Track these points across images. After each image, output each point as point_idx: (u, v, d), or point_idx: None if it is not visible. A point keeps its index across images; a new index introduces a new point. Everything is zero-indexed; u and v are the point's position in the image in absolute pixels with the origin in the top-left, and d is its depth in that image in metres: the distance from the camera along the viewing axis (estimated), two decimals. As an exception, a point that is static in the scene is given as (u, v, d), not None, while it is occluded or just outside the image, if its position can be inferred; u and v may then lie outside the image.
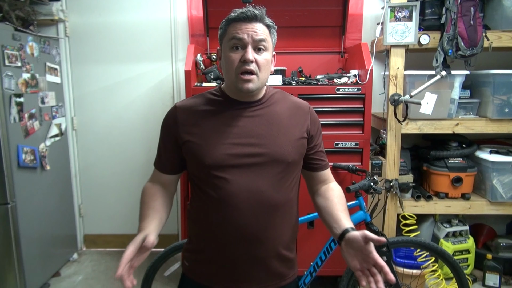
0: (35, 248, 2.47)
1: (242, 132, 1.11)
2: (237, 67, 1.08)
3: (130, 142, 3.05)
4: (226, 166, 1.08)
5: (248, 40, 1.07)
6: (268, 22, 1.12)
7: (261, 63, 1.09)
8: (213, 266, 1.15)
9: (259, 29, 1.09)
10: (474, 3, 2.18)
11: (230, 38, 1.09)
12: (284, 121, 1.16)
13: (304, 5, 2.65)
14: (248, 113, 1.14)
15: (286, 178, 1.14)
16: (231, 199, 1.07)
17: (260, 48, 1.09)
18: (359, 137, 2.26)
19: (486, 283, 2.48)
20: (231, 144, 1.09)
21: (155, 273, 2.09)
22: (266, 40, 1.10)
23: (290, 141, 1.14)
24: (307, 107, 1.24)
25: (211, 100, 1.17)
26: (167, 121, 1.19)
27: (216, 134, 1.11)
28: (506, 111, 2.34)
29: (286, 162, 1.12)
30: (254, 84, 1.09)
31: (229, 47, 1.10)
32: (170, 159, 1.19)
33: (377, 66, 2.67)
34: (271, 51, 1.14)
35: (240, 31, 1.07)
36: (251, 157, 1.09)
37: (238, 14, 1.09)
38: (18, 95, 2.30)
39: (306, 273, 1.99)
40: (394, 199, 2.42)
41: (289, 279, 1.21)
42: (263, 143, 1.11)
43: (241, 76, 1.08)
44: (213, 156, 1.08)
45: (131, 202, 3.12)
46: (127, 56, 2.95)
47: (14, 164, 2.27)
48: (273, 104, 1.18)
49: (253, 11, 1.08)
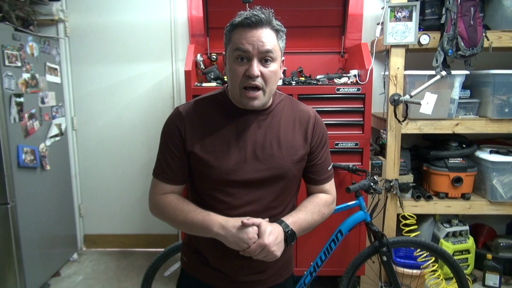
0: (35, 248, 2.47)
1: (247, 146, 1.08)
2: (242, 81, 1.02)
3: (130, 142, 3.05)
4: (231, 181, 1.07)
5: (254, 53, 0.99)
6: (276, 26, 1.03)
7: (268, 76, 1.02)
8: (212, 266, 1.15)
9: (266, 38, 1.00)
10: (474, 3, 2.18)
11: (235, 49, 1.01)
12: (289, 134, 1.12)
13: (304, 5, 2.65)
14: (254, 125, 1.10)
15: (288, 191, 1.15)
16: (232, 211, 1.07)
17: (267, 59, 1.01)
18: (359, 137, 2.26)
19: (486, 283, 2.48)
20: (237, 159, 1.07)
21: (155, 273, 2.09)
22: (274, 50, 1.01)
23: (292, 156, 1.12)
24: (313, 118, 1.17)
25: (215, 108, 1.12)
26: (172, 127, 1.11)
27: (223, 146, 1.07)
28: (506, 111, 2.34)
29: (288, 178, 1.12)
30: (259, 100, 1.04)
31: (233, 57, 1.02)
32: (180, 167, 1.11)
33: (377, 66, 2.67)
34: (279, 60, 1.06)
35: (245, 41, 0.99)
36: (256, 172, 1.08)
37: (242, 19, 1.00)
38: (18, 95, 2.30)
39: (306, 273, 1.99)
40: (394, 199, 2.42)
41: (286, 274, 1.23)
42: (268, 158, 1.08)
43: (246, 93, 1.02)
44: (218, 172, 1.06)
45: (131, 202, 3.12)
46: (127, 56, 2.95)
47: (14, 164, 2.27)
48: (279, 114, 1.13)
49: (258, 16, 0.99)
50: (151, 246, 3.14)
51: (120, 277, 2.73)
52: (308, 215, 1.12)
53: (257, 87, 1.02)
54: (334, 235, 1.97)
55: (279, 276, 1.20)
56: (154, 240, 3.13)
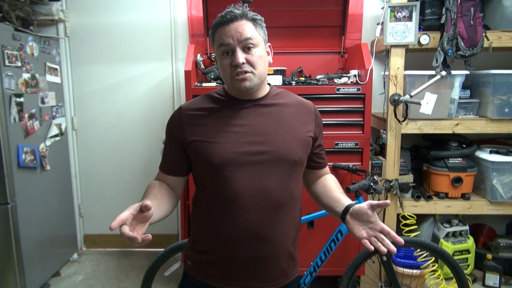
0: (35, 248, 2.47)
1: (248, 131, 1.11)
2: (231, 72, 1.08)
3: (130, 142, 3.05)
4: (233, 164, 1.08)
5: (234, 43, 1.06)
6: (252, 16, 1.10)
7: (254, 60, 1.08)
8: (218, 267, 1.14)
9: (243, 28, 1.07)
10: (474, 3, 2.18)
11: (219, 45, 1.09)
12: (290, 119, 1.16)
13: (304, 5, 2.65)
14: (254, 111, 1.13)
15: (291, 176, 1.14)
16: (238, 197, 1.07)
17: (249, 47, 1.07)
18: (359, 137, 2.26)
19: (486, 283, 2.48)
20: (238, 143, 1.09)
21: (155, 273, 2.09)
22: (253, 37, 1.08)
23: (297, 139, 1.14)
24: (312, 107, 1.24)
25: (215, 100, 1.17)
26: (172, 122, 1.18)
27: (223, 133, 1.10)
28: (506, 111, 2.34)
29: (293, 160, 1.12)
30: (250, 81, 1.08)
31: (219, 54, 1.10)
32: (175, 160, 1.17)
33: (377, 66, 2.67)
34: (263, 44, 1.12)
35: (225, 36, 1.07)
36: (258, 155, 1.09)
37: (219, 19, 1.09)
38: (18, 95, 2.30)
39: (306, 273, 1.99)
40: (394, 199, 2.42)
41: (292, 276, 1.22)
42: (269, 141, 1.10)
43: (236, 77, 1.07)
44: (220, 155, 1.07)
45: (131, 202, 3.08)
46: (127, 56, 2.95)
47: (14, 164, 2.27)
48: (278, 102, 1.17)
49: (232, 12, 1.07)
50: (151, 246, 3.14)
51: (120, 277, 2.73)
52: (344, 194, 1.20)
53: (245, 72, 1.07)
54: (334, 235, 1.97)
55: (286, 277, 1.19)
56: (154, 240, 3.06)
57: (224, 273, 1.14)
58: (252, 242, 1.09)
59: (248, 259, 1.10)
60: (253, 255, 1.10)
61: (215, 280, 1.15)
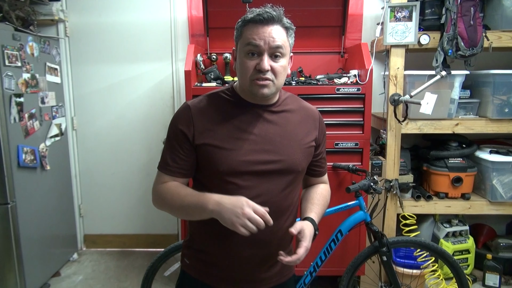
0: (35, 248, 2.47)
1: (257, 139, 1.10)
2: (252, 74, 1.05)
3: (130, 142, 3.05)
4: (240, 172, 1.07)
5: (265, 47, 1.03)
6: (287, 24, 1.07)
7: (277, 70, 1.05)
8: (216, 267, 1.15)
9: (276, 34, 1.04)
10: (474, 3, 2.18)
11: (246, 44, 1.04)
12: (296, 127, 1.16)
13: (304, 5, 2.65)
14: (263, 118, 1.12)
15: (293, 185, 1.16)
16: None
17: (277, 55, 1.05)
18: (359, 137, 2.26)
19: (486, 283, 2.48)
20: (247, 150, 1.08)
21: (155, 273, 2.09)
22: (284, 46, 1.05)
23: (301, 149, 1.14)
24: (317, 114, 1.23)
25: (224, 102, 1.14)
26: (180, 120, 1.11)
27: (231, 139, 1.08)
28: (506, 111, 2.34)
29: (297, 171, 1.14)
30: (269, 89, 1.06)
31: (244, 52, 1.05)
32: (187, 161, 1.11)
33: (377, 66, 2.67)
34: (288, 56, 1.10)
35: (256, 37, 1.03)
36: (265, 164, 1.09)
37: (254, 16, 1.04)
38: (18, 95, 2.30)
39: (306, 273, 1.99)
40: (394, 199, 2.42)
41: (289, 274, 1.24)
42: (276, 150, 1.10)
43: (256, 81, 1.05)
44: (228, 163, 1.06)
45: (131, 202, 3.12)
46: (127, 56, 2.95)
47: (14, 164, 2.27)
48: (286, 109, 1.17)
49: (270, 13, 1.03)
50: (151, 246, 3.14)
51: (120, 277, 2.73)
52: (322, 209, 1.22)
53: (267, 79, 1.05)
54: (334, 235, 1.97)
55: (282, 276, 1.21)
56: (154, 240, 3.13)
57: (222, 274, 1.15)
58: (252, 246, 1.10)
59: (246, 262, 1.11)
60: (252, 258, 1.12)
61: (212, 280, 1.16)
